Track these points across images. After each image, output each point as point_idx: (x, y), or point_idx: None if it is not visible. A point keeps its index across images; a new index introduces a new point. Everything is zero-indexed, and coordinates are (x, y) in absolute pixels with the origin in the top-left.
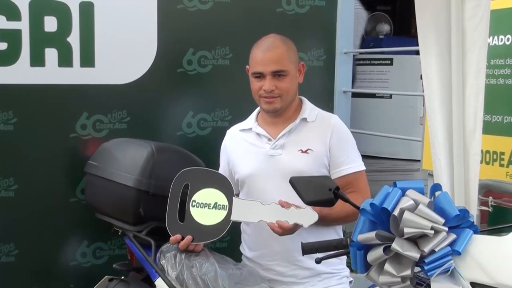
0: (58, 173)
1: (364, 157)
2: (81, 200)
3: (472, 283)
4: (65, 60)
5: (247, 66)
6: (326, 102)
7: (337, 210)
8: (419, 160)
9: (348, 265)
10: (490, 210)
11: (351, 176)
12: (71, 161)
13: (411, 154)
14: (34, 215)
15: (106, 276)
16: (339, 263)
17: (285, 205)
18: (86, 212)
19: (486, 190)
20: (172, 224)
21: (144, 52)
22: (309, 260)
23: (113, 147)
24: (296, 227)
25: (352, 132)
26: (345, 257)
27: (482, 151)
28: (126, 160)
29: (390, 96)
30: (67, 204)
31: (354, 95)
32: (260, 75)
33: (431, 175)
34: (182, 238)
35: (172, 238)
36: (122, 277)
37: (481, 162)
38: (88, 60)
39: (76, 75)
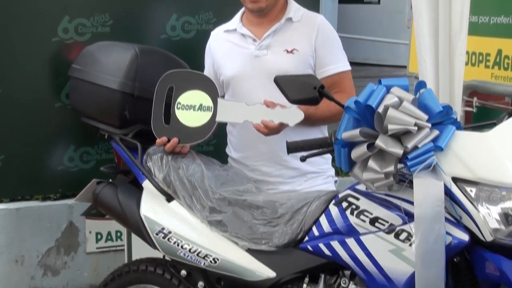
0: (41, 77)
1: (351, 64)
2: (66, 105)
3: (453, 178)
4: None
5: None
6: (311, 6)
7: (322, 109)
8: (406, 66)
9: (334, 165)
10: (474, 111)
11: (336, 76)
12: (55, 66)
13: (397, 60)
14: (19, 121)
15: (94, 179)
16: (325, 163)
17: (270, 104)
18: (72, 117)
19: (471, 91)
20: (157, 126)
21: None
22: (295, 160)
23: (96, 51)
24: (281, 127)
25: (340, 37)
26: (330, 157)
27: (468, 52)
28: (110, 63)
29: (378, 2)
30: (52, 109)
31: (342, 0)
32: None
33: (417, 78)
34: (168, 141)
35: (158, 140)
36: (110, 180)
37: (467, 63)
38: None
39: None
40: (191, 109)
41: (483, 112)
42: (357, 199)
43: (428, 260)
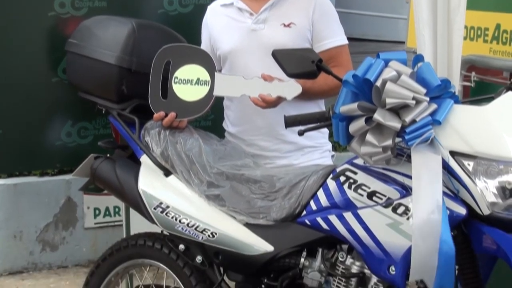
0: (38, 52)
1: (349, 39)
2: (63, 79)
3: (451, 152)
4: None
5: None
6: None
7: (320, 83)
8: (404, 42)
9: (331, 140)
10: (472, 85)
11: (333, 50)
12: (51, 41)
13: (396, 35)
14: (16, 96)
15: (91, 154)
16: (322, 137)
17: (268, 78)
18: (69, 92)
19: (469, 66)
20: (155, 101)
21: None
22: (292, 134)
23: (93, 25)
24: (279, 100)
25: (338, 12)
26: (327, 131)
27: (466, 27)
28: (107, 38)
29: None
30: (49, 84)
31: None
32: None
33: (415, 53)
34: (166, 115)
35: (155, 115)
36: (108, 155)
37: (465, 38)
38: None
39: None
40: (189, 83)
41: (481, 87)
42: (355, 173)
43: (426, 233)
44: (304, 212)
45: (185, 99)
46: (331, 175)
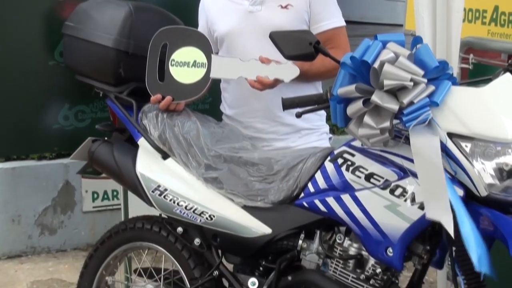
0: (35, 35)
1: (347, 22)
2: (60, 63)
3: (449, 134)
4: None
5: None
6: None
7: (318, 65)
8: (402, 25)
9: (329, 123)
10: (470, 67)
11: (331, 31)
12: (48, 24)
13: (395, 18)
14: (13, 80)
15: (89, 138)
16: (319, 120)
17: (265, 60)
18: (66, 76)
19: (467, 48)
20: (152, 84)
21: None
22: (289, 117)
23: (90, 8)
24: (276, 83)
25: None
26: (324, 113)
27: (464, 9)
28: (104, 20)
29: None
30: (46, 67)
31: None
32: None
33: (413, 35)
34: (163, 98)
35: (152, 98)
36: (105, 138)
37: (464, 20)
38: None
39: None
40: (185, 65)
41: (479, 69)
42: (353, 155)
43: (436, 209)
44: (302, 195)
45: (182, 82)
46: (329, 157)
